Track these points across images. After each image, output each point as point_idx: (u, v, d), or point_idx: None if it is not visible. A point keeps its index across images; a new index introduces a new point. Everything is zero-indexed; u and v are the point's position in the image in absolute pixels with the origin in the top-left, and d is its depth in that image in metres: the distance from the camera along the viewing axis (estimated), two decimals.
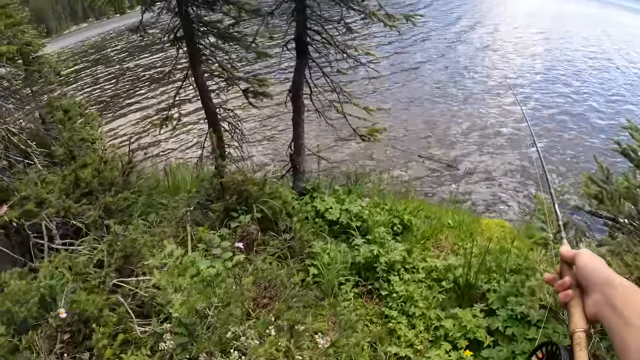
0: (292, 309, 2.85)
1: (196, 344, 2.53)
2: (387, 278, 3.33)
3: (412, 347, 2.96)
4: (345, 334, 2.80)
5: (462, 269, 3.28)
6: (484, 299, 3.14)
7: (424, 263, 3.52)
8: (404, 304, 3.16)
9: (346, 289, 3.30)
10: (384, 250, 3.36)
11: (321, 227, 3.86)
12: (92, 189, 3.56)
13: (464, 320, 2.93)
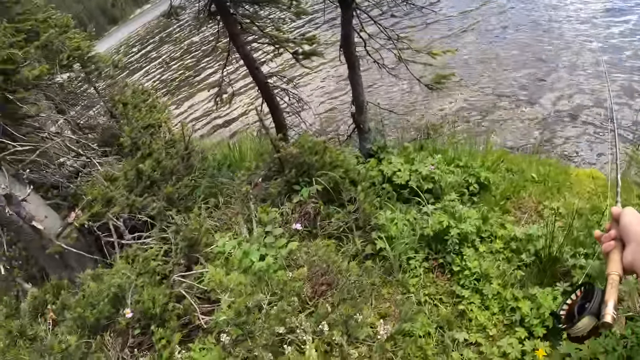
0: (350, 298, 2.69)
1: (250, 339, 2.48)
2: (459, 251, 3.05)
3: (484, 332, 2.69)
4: (409, 319, 2.60)
5: (545, 239, 2.89)
6: (569, 276, 2.77)
7: (502, 230, 3.17)
8: (477, 282, 2.86)
9: (415, 263, 3.08)
10: (455, 221, 3.02)
11: (389, 194, 3.61)
12: (154, 179, 3.60)
13: (543, 304, 2.60)
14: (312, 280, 2.69)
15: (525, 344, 2.56)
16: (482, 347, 2.63)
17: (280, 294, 2.58)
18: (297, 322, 2.45)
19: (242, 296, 2.54)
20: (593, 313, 1.30)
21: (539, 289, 2.73)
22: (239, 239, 3.01)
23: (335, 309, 2.48)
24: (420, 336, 2.66)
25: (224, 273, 2.70)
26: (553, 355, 2.44)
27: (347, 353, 2.35)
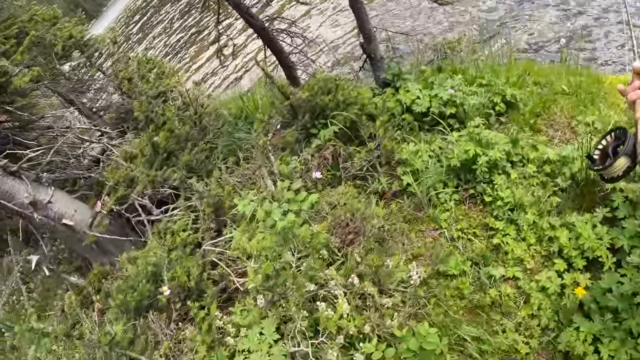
0: (379, 244, 2.61)
1: (283, 300, 2.46)
2: (489, 179, 2.89)
3: (522, 265, 2.59)
4: (442, 260, 2.51)
5: (581, 160, 2.71)
6: (608, 200, 2.61)
7: (534, 152, 2.99)
8: (511, 212, 2.72)
9: (445, 197, 2.95)
10: (482, 149, 2.83)
11: (410, 124, 3.41)
12: (170, 150, 3.55)
13: (582, 233, 2.47)
14: (338, 230, 2.61)
15: (564, 277, 2.47)
16: (520, 282, 2.56)
17: (307, 251, 2.53)
18: (328, 276, 2.40)
19: (267, 260, 2.51)
20: (627, 154, 1.41)
21: (577, 216, 2.60)
22: (262, 196, 2.95)
23: (364, 259, 2.41)
24: (455, 276, 2.58)
25: (247, 239, 2.67)
26: (594, 289, 2.32)
27: (380, 304, 2.30)
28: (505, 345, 2.40)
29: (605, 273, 2.35)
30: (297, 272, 2.48)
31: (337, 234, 2.54)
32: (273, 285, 2.49)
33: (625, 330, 2.16)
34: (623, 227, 2.45)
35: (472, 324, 2.49)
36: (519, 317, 2.47)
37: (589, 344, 2.20)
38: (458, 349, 2.45)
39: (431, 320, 2.43)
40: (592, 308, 2.29)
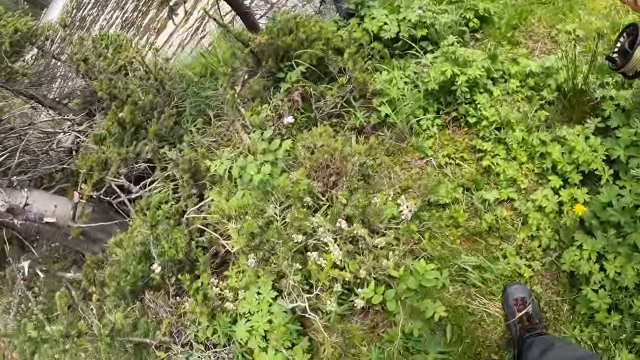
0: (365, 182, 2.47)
1: (274, 256, 2.35)
2: (471, 99, 2.72)
3: (515, 186, 2.47)
4: (432, 190, 2.37)
5: (567, 70, 2.54)
6: (599, 110, 2.47)
7: (515, 66, 2.81)
8: (498, 131, 2.56)
9: (427, 123, 2.79)
10: (460, 68, 2.65)
11: (380, 53, 3.20)
12: (137, 124, 3.38)
13: (575, 147, 2.35)
14: (319, 174, 2.46)
15: (561, 194, 2.35)
16: (516, 203, 2.44)
17: (290, 201, 2.39)
18: (315, 224, 2.27)
19: (249, 218, 2.37)
20: None
21: (567, 129, 2.46)
22: (238, 151, 2.80)
23: (349, 200, 2.27)
24: (447, 205, 2.45)
25: (224, 199, 2.53)
26: (593, 205, 2.20)
27: (373, 245, 2.18)
28: (507, 270, 2.32)
29: (603, 187, 2.25)
30: (283, 225, 2.36)
31: (318, 178, 2.39)
32: (260, 243, 2.38)
33: (630, 245, 2.08)
34: (617, 137, 2.33)
35: (471, 252, 2.39)
36: (519, 239, 2.38)
37: (593, 262, 2.12)
38: (460, 280, 2.36)
39: (428, 254, 2.32)
40: (594, 224, 2.19)
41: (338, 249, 2.17)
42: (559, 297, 2.29)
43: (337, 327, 2.36)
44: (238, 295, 2.49)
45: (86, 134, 3.94)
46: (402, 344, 2.22)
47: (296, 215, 2.25)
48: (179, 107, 3.40)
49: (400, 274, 2.07)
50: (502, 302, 2.30)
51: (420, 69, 2.88)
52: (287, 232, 2.29)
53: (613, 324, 2.12)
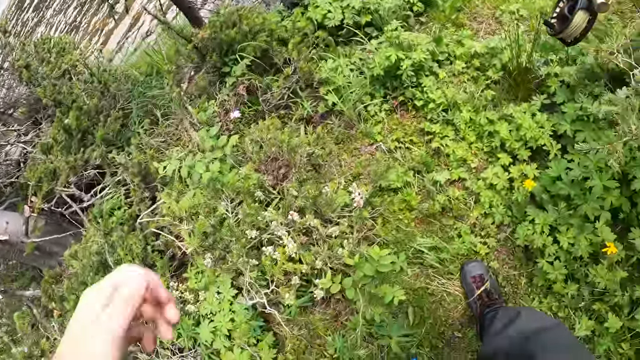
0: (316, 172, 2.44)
1: (229, 254, 2.30)
2: (417, 83, 2.72)
3: (466, 165, 2.48)
4: (382, 175, 2.36)
5: (510, 50, 2.56)
6: (544, 87, 2.50)
7: (460, 48, 2.83)
8: (445, 113, 2.57)
9: (374, 109, 2.77)
10: (404, 52, 2.64)
11: (325, 41, 3.17)
12: (83, 129, 3.27)
13: (522, 124, 2.37)
14: (268, 167, 2.43)
15: (511, 171, 2.38)
16: (467, 183, 2.46)
17: (240, 198, 2.35)
18: (267, 218, 2.24)
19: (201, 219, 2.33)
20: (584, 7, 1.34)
21: (514, 107, 2.48)
22: (188, 149, 2.74)
23: (300, 191, 2.24)
24: (399, 189, 2.45)
25: (174, 200, 2.47)
26: (543, 179, 2.24)
27: (326, 235, 2.15)
28: (463, 249, 2.34)
29: (552, 161, 2.27)
30: (236, 222, 2.31)
31: (268, 171, 2.36)
32: (213, 242, 2.33)
33: (581, 216, 2.12)
34: (563, 112, 2.36)
35: (427, 234, 2.40)
36: (472, 218, 2.40)
37: (546, 235, 2.15)
38: (418, 262, 2.37)
39: (383, 240, 2.31)
40: (544, 198, 2.23)
41: (292, 242, 2.14)
42: (516, 271, 2.33)
43: (300, 320, 2.35)
44: (199, 296, 2.45)
45: (33, 144, 3.80)
46: (365, 330, 2.22)
47: (247, 211, 2.22)
48: (125, 109, 3.30)
49: (355, 261, 2.06)
50: (460, 281, 2.32)
51: (365, 56, 2.87)
52: (241, 229, 2.26)
53: (571, 293, 2.16)
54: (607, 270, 2.08)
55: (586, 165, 2.13)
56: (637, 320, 2.00)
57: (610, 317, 2.06)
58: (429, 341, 2.26)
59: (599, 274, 2.07)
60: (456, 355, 2.26)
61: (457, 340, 2.28)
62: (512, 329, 1.66)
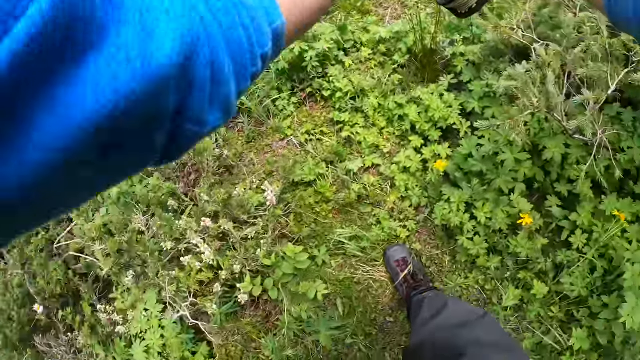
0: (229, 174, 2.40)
1: (148, 269, 2.23)
2: (324, 73, 2.70)
3: (378, 151, 2.49)
4: (291, 170, 2.33)
5: (414, 33, 2.57)
6: (451, 67, 2.53)
7: (366, 35, 2.83)
8: (354, 101, 2.56)
9: (282, 104, 2.73)
10: (308, 43, 2.62)
11: None
12: None
13: (430, 105, 2.39)
14: (178, 174, 2.36)
15: (423, 152, 2.40)
16: (381, 168, 2.46)
17: (152, 210, 2.28)
18: (181, 227, 2.18)
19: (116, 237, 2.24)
20: None
21: (421, 89, 2.50)
22: None
23: (211, 196, 2.19)
24: (313, 181, 2.44)
25: (84, 220, 2.37)
26: (455, 158, 2.27)
27: (241, 238, 2.11)
28: (383, 235, 2.34)
29: (462, 139, 2.30)
30: (152, 235, 2.24)
31: (178, 178, 2.29)
32: (130, 259, 2.25)
33: (496, 190, 2.15)
34: (470, 91, 2.39)
35: (346, 223, 2.39)
36: (390, 203, 2.40)
37: (463, 212, 2.17)
38: (340, 253, 2.35)
39: (301, 235, 2.29)
40: (458, 176, 2.25)
41: (209, 249, 2.09)
42: (439, 250, 2.35)
43: (232, 326, 2.31)
44: (127, 316, 2.37)
45: None
46: (296, 328, 2.20)
47: (159, 222, 2.15)
48: None
49: (272, 261, 2.03)
50: (385, 266, 2.33)
51: None
52: (156, 241, 2.19)
53: (495, 266, 2.20)
54: (527, 240, 2.13)
55: (496, 140, 2.16)
56: (563, 284, 2.05)
57: (536, 283, 2.11)
58: (362, 329, 2.27)
59: (519, 244, 2.11)
60: (390, 339, 2.28)
61: (389, 325, 2.29)
62: (439, 320, 1.67)
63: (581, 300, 2.09)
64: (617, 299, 1.90)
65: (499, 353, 1.32)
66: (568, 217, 2.12)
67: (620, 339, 1.88)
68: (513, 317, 2.21)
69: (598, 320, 1.96)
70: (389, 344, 2.27)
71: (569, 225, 2.13)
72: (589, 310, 2.06)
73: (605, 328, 1.95)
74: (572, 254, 2.07)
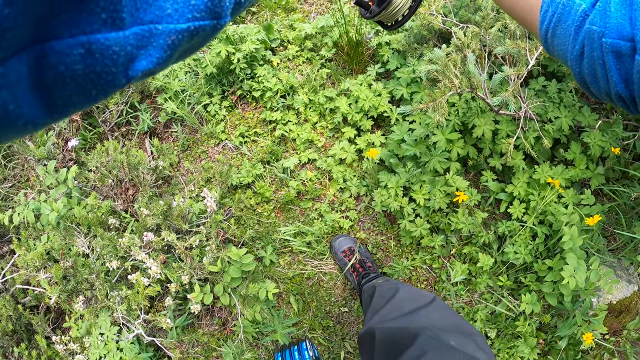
0: (167, 185, 2.46)
1: (96, 292, 2.27)
2: (253, 74, 2.78)
3: (313, 146, 2.61)
4: (227, 174, 2.42)
5: (339, 27, 2.69)
6: (378, 57, 2.67)
7: (292, 32, 2.93)
8: (284, 99, 2.66)
9: (214, 108, 2.80)
10: (234, 46, 2.70)
11: None
12: None
13: (360, 95, 2.51)
14: (116, 191, 2.41)
15: (357, 143, 2.52)
16: (318, 163, 2.57)
17: (93, 230, 2.33)
18: (124, 245, 2.23)
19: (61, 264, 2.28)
20: None
21: (350, 80, 2.62)
22: (37, 189, 2.65)
23: (150, 209, 2.26)
24: (252, 183, 2.53)
25: (25, 250, 2.40)
26: (389, 144, 2.40)
27: (185, 248, 2.18)
28: (327, 228, 2.45)
29: (394, 125, 2.42)
30: (97, 257, 2.29)
31: (116, 195, 2.34)
32: (76, 283, 2.29)
33: (431, 171, 2.28)
34: (398, 78, 2.53)
35: (288, 221, 2.49)
36: (330, 196, 2.52)
37: (401, 196, 2.30)
38: (287, 251, 2.45)
39: (244, 238, 2.38)
40: (393, 162, 2.38)
41: (155, 263, 2.15)
42: (383, 236, 2.48)
43: (188, 338, 2.37)
44: (84, 343, 2.40)
45: None
46: (253, 331, 2.28)
47: (102, 242, 2.20)
48: None
49: (219, 267, 2.10)
50: (333, 258, 2.44)
51: (197, 56, 2.89)
52: (102, 262, 2.24)
53: (439, 244, 2.35)
54: (468, 215, 2.28)
55: (427, 123, 2.29)
56: (507, 253, 2.21)
57: (482, 256, 2.27)
58: (319, 323, 2.37)
59: (460, 221, 2.26)
60: (348, 329, 2.39)
61: (345, 315, 2.40)
62: (391, 306, 1.74)
63: (527, 267, 2.26)
64: (560, 261, 2.06)
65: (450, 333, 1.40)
66: (505, 190, 2.28)
67: (569, 298, 2.03)
68: (464, 291, 2.35)
69: (545, 283, 2.12)
70: (347, 334, 2.38)
71: (507, 197, 2.30)
72: (535, 275, 2.22)
73: (553, 290, 2.11)
74: (513, 223, 2.23)
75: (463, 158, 2.36)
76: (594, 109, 2.41)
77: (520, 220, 2.23)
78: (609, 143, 2.19)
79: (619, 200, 2.31)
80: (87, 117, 2.80)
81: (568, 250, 2.01)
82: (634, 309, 2.31)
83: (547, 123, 2.25)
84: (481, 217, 2.28)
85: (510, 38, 2.11)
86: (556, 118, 2.24)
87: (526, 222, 2.20)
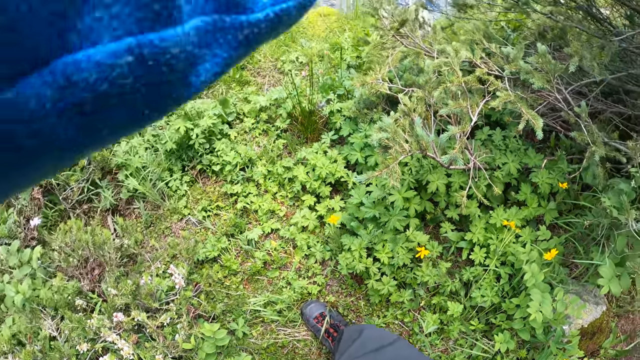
0: (133, 263, 2.59)
1: None
2: (212, 148, 2.97)
3: (275, 216, 2.79)
4: (194, 250, 2.58)
5: (291, 98, 2.94)
6: (331, 124, 2.91)
7: (247, 105, 3.15)
8: (243, 172, 2.87)
9: (175, 184, 2.94)
10: (192, 121, 2.91)
11: None
12: None
13: (316, 163, 2.72)
14: (82, 271, 2.51)
15: (318, 209, 2.70)
16: (281, 232, 2.73)
17: (61, 312, 2.41)
18: (94, 326, 2.32)
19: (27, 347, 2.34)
20: None
21: (306, 149, 2.84)
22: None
23: (117, 289, 2.37)
24: (217, 257, 2.69)
25: None
26: (348, 208, 2.59)
27: (155, 327, 2.30)
28: (296, 295, 2.58)
29: (352, 190, 2.62)
30: (64, 340, 2.36)
31: (82, 275, 2.45)
32: None
33: (392, 230, 2.46)
34: (352, 143, 2.75)
35: (257, 292, 2.63)
36: (296, 263, 2.67)
37: (365, 257, 2.46)
38: (259, 322, 2.58)
39: (214, 312, 2.51)
40: (354, 225, 2.55)
41: (126, 344, 2.25)
42: (352, 297, 2.63)
43: None
44: None
45: None
46: None
47: (70, 324, 2.28)
48: None
49: (192, 345, 2.22)
50: (305, 325, 2.57)
51: (157, 132, 3.05)
52: (72, 344, 2.30)
53: (408, 299, 2.50)
54: (432, 267, 2.46)
55: (383, 185, 2.49)
56: (475, 298, 2.38)
57: (450, 304, 2.43)
58: None
59: (425, 274, 2.44)
60: None
61: None
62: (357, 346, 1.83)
63: (496, 308, 2.43)
64: (526, 298, 2.23)
65: None
66: (464, 238, 2.49)
67: (540, 331, 2.19)
68: (438, 340, 2.50)
69: (515, 320, 2.29)
70: None
71: (467, 245, 2.50)
72: (505, 315, 2.40)
73: (524, 325, 2.28)
74: (476, 269, 2.43)
75: (421, 213, 2.55)
76: (538, 149, 2.65)
77: (482, 264, 2.42)
78: (557, 179, 2.42)
79: (573, 231, 2.51)
80: (47, 194, 2.87)
81: (532, 287, 2.19)
82: (606, 327, 2.47)
83: (496, 170, 2.49)
84: (445, 267, 2.46)
85: (453, 99, 2.32)
86: (504, 164, 2.49)
87: (489, 266, 2.39)
